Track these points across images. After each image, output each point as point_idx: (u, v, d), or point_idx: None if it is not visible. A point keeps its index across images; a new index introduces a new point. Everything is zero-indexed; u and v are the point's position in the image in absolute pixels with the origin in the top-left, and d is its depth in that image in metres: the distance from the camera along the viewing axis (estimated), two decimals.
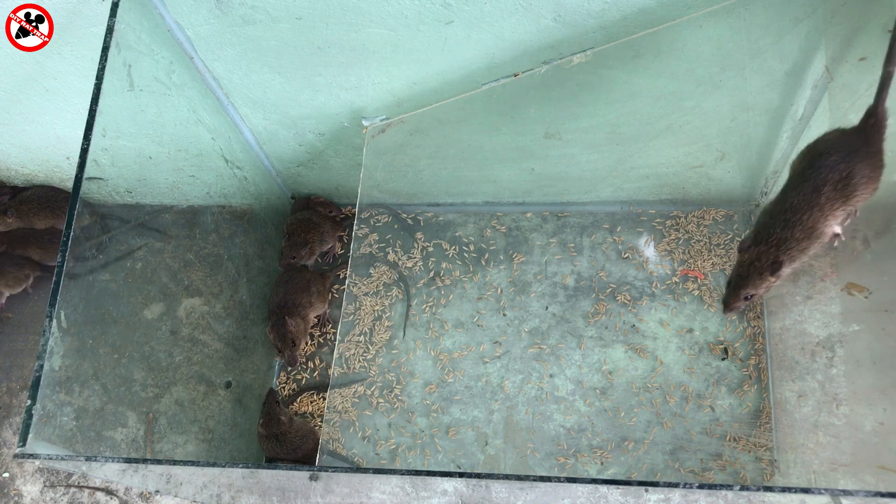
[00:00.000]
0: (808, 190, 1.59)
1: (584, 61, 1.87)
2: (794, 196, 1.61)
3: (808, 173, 1.61)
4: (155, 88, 1.92)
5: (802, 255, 1.65)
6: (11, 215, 2.61)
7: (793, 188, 1.63)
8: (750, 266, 1.66)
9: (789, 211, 1.61)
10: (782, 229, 1.62)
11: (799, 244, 1.63)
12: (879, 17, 1.68)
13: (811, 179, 1.60)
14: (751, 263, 1.66)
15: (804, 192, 1.60)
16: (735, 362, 2.39)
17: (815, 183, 1.59)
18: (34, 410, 1.49)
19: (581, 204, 2.64)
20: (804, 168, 1.62)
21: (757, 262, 1.64)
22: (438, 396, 2.47)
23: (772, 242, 1.63)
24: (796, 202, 1.61)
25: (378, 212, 2.74)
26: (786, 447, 2.23)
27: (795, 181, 1.64)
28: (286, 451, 2.33)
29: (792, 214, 1.61)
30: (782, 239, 1.63)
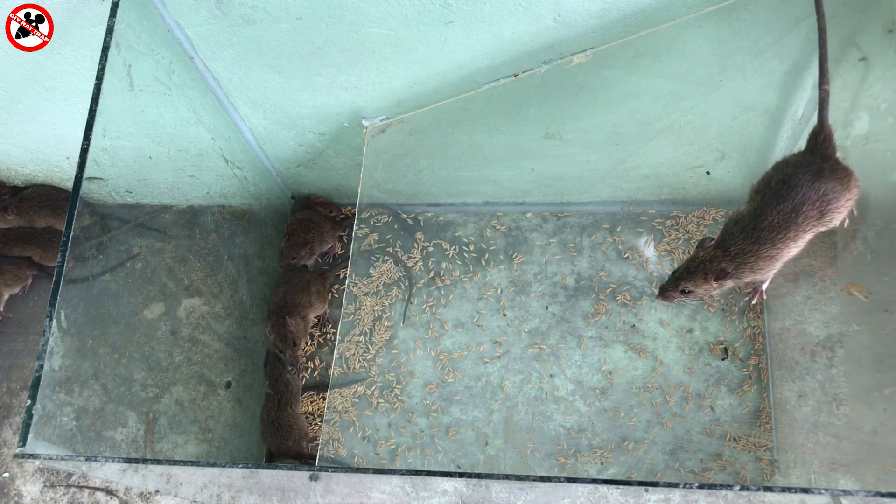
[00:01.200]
0: (789, 209, 1.61)
1: (584, 61, 1.87)
2: (772, 215, 1.63)
3: (784, 193, 1.62)
4: (155, 88, 1.92)
5: (754, 273, 1.68)
6: (12, 212, 2.61)
7: (770, 206, 1.64)
8: (700, 264, 1.68)
9: (766, 229, 1.63)
10: (750, 244, 1.64)
11: (758, 262, 1.65)
12: (879, 17, 1.68)
13: (790, 199, 1.61)
14: (702, 262, 1.68)
15: (783, 211, 1.62)
16: (735, 362, 2.39)
17: (793, 203, 1.61)
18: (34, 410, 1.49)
19: (581, 204, 2.64)
20: (781, 187, 1.63)
21: (708, 263, 1.67)
22: (438, 396, 2.47)
23: (732, 252, 1.65)
24: (775, 221, 1.62)
25: (378, 212, 2.74)
26: (786, 447, 2.23)
27: (772, 199, 1.64)
28: (282, 427, 2.34)
29: (768, 232, 1.63)
30: (744, 252, 1.65)
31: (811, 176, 1.61)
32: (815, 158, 1.65)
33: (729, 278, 1.66)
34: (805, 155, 1.69)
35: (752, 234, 1.63)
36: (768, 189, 1.66)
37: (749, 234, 1.64)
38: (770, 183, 1.66)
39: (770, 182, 1.66)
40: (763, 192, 1.68)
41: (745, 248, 1.64)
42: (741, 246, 1.65)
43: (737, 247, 1.65)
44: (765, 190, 1.68)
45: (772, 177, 1.68)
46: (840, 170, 1.64)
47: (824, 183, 1.60)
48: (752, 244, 1.64)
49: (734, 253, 1.65)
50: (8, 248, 2.67)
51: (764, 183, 1.69)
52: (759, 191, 1.70)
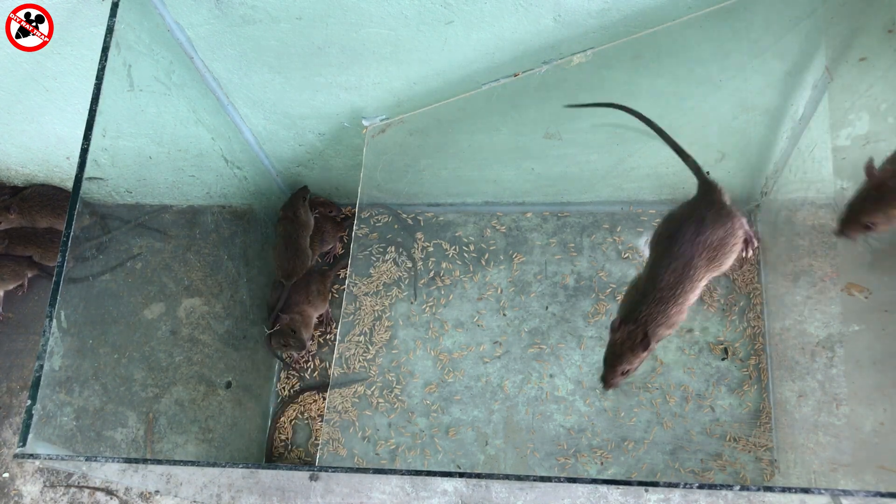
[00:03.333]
0: (680, 267, 1.66)
1: (584, 61, 1.87)
2: (665, 274, 1.67)
3: (675, 250, 1.67)
4: (155, 88, 1.92)
5: (671, 328, 1.72)
6: (13, 211, 2.60)
7: (662, 266, 1.68)
8: (622, 345, 1.71)
9: (664, 289, 1.67)
10: (655, 305, 1.68)
11: (669, 319, 1.70)
12: (879, 17, 1.68)
13: (681, 257, 1.66)
14: (622, 342, 1.71)
15: (676, 269, 1.66)
16: (735, 362, 2.39)
17: (685, 260, 1.66)
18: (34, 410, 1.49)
19: (581, 204, 2.64)
20: (670, 245, 1.69)
21: (628, 340, 1.70)
22: (438, 396, 2.47)
23: (640, 321, 1.69)
24: (671, 280, 1.67)
25: (378, 212, 2.74)
26: (786, 447, 2.23)
27: (663, 259, 1.69)
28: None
29: (667, 292, 1.67)
30: (652, 315, 1.69)
31: (694, 229, 1.67)
32: (700, 206, 1.71)
33: (654, 342, 1.71)
34: (691, 203, 1.75)
35: (654, 296, 1.68)
36: (659, 246, 1.72)
37: (650, 297, 1.68)
38: (661, 240, 1.72)
39: (661, 239, 1.72)
40: (655, 249, 1.74)
41: (651, 310, 1.69)
42: (647, 311, 1.69)
43: (643, 313, 1.69)
44: (656, 247, 1.73)
45: (661, 233, 1.73)
46: (723, 215, 1.70)
47: (707, 235, 1.67)
48: (656, 305, 1.68)
49: (644, 320, 1.69)
50: (10, 248, 2.67)
51: (656, 239, 1.75)
52: (653, 247, 1.75)
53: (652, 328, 1.67)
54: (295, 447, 2.55)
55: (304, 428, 2.56)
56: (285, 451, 2.53)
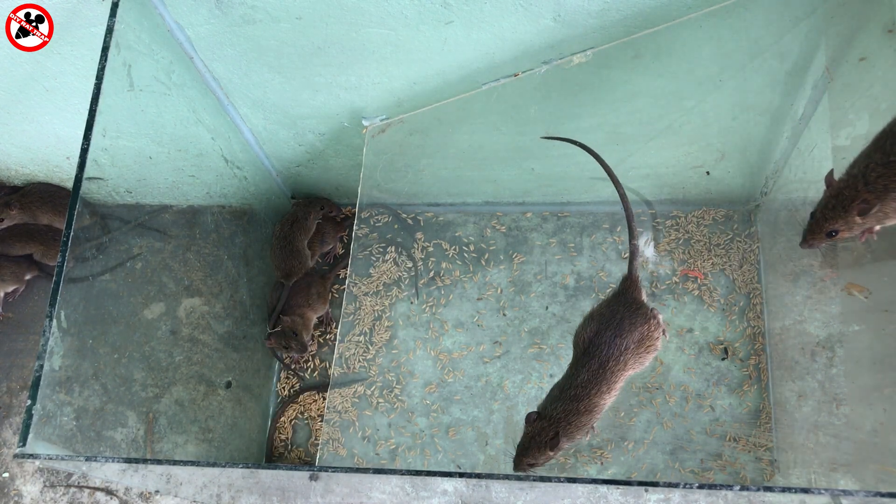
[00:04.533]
0: (595, 366, 1.70)
1: (584, 61, 1.87)
2: (583, 373, 1.71)
3: (591, 350, 1.72)
4: (155, 88, 1.92)
5: (580, 431, 1.75)
6: (15, 207, 2.60)
7: (581, 364, 1.73)
8: (532, 439, 1.73)
9: (579, 386, 1.71)
10: (569, 402, 1.72)
11: (580, 418, 1.72)
12: (879, 17, 1.68)
13: (596, 356, 1.71)
14: (532, 437, 1.73)
15: (591, 368, 1.70)
16: (735, 362, 2.39)
17: (600, 360, 1.70)
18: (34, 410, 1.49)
19: (581, 204, 2.64)
20: (589, 345, 1.73)
21: (538, 436, 1.72)
22: (438, 396, 2.47)
23: (555, 418, 1.72)
24: (586, 378, 1.71)
25: (378, 212, 2.74)
26: (786, 447, 2.23)
27: (581, 358, 1.74)
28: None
29: (581, 389, 1.71)
30: (566, 413, 1.72)
31: (612, 332, 1.71)
32: (619, 307, 1.75)
33: (563, 442, 1.74)
34: (611, 303, 1.79)
35: (569, 393, 1.72)
36: (579, 347, 1.77)
37: (566, 394, 1.72)
38: (581, 340, 1.76)
39: (582, 338, 1.76)
40: (576, 347, 1.79)
41: (566, 407, 1.72)
42: (562, 408, 1.72)
43: (558, 410, 1.72)
44: (577, 346, 1.78)
45: (581, 334, 1.77)
46: (640, 316, 1.74)
47: (625, 337, 1.71)
48: (570, 402, 1.71)
49: (557, 418, 1.72)
50: (10, 244, 2.66)
51: (576, 339, 1.79)
52: (574, 346, 1.80)
53: (563, 427, 1.70)
54: (295, 447, 2.55)
55: (304, 428, 2.56)
56: (285, 451, 2.53)
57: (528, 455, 1.73)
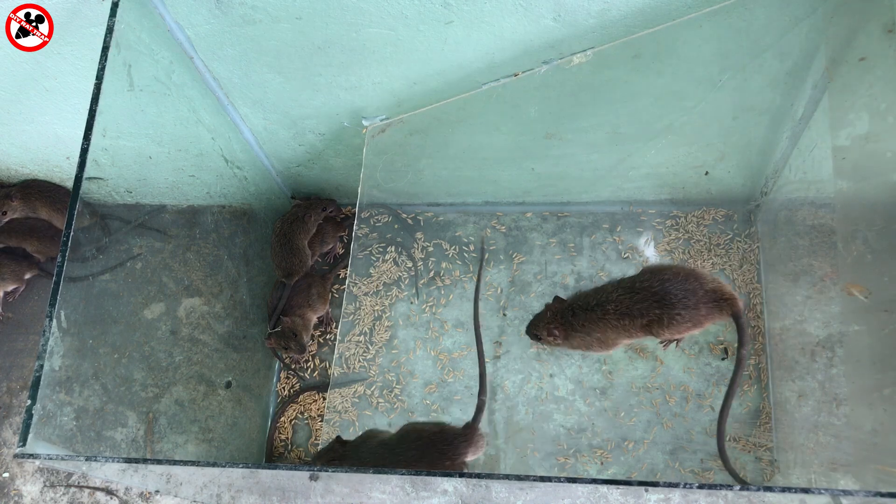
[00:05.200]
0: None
1: (584, 61, 1.87)
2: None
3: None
4: (155, 88, 1.92)
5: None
6: (16, 199, 2.59)
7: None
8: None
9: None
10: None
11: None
12: (879, 17, 1.68)
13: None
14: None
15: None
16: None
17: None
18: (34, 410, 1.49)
19: (581, 204, 2.64)
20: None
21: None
22: (438, 396, 2.47)
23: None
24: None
25: (378, 212, 2.74)
26: (786, 447, 2.22)
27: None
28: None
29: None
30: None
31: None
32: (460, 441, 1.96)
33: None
34: (456, 436, 1.99)
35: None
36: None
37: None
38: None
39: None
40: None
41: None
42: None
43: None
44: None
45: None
46: (475, 444, 1.98)
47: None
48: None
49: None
50: (6, 236, 2.65)
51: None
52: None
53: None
54: (295, 447, 2.55)
55: (304, 428, 2.56)
56: (285, 451, 2.53)
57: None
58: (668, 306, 1.82)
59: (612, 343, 1.95)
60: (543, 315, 2.10)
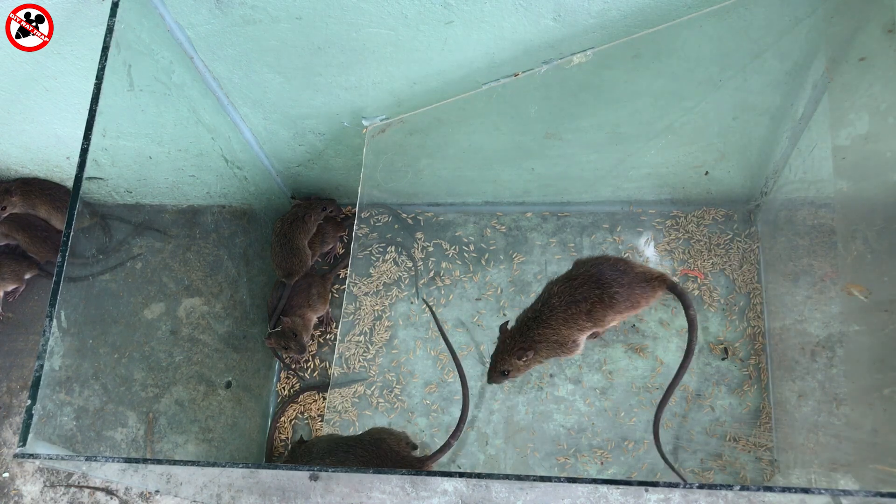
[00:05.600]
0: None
1: (584, 61, 1.87)
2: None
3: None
4: (155, 88, 1.92)
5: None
6: (16, 194, 2.58)
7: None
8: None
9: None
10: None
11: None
12: (879, 17, 1.68)
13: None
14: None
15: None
16: (735, 362, 2.39)
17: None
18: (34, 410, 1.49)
19: (581, 204, 2.64)
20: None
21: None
22: (438, 396, 2.47)
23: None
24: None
25: (378, 212, 2.74)
26: (786, 447, 2.23)
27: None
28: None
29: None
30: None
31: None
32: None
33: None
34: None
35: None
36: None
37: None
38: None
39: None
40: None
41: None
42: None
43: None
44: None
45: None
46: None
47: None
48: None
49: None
50: (2, 227, 2.65)
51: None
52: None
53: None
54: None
55: (304, 428, 2.56)
56: (285, 451, 2.53)
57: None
58: (605, 285, 1.89)
59: (570, 340, 1.94)
60: (502, 347, 2.00)
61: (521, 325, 1.99)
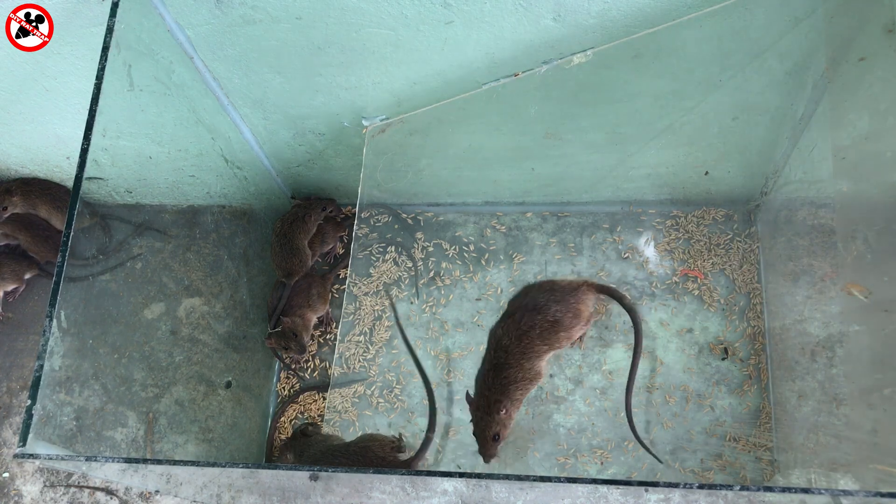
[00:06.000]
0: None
1: (584, 61, 1.87)
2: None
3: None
4: (155, 88, 1.92)
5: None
6: (16, 194, 2.58)
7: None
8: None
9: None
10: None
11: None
12: (879, 17, 1.68)
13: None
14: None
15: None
16: (735, 362, 2.39)
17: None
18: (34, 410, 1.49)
19: (581, 204, 2.64)
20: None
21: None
22: (438, 396, 2.47)
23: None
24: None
25: (378, 212, 2.74)
26: (786, 447, 2.23)
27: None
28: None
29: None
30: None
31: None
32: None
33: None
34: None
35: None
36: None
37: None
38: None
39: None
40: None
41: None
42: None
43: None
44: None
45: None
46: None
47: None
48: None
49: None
50: (1, 226, 2.64)
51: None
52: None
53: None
54: None
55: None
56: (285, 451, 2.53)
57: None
58: (543, 309, 1.94)
59: (534, 370, 1.95)
60: (478, 413, 1.95)
61: (483, 383, 1.97)
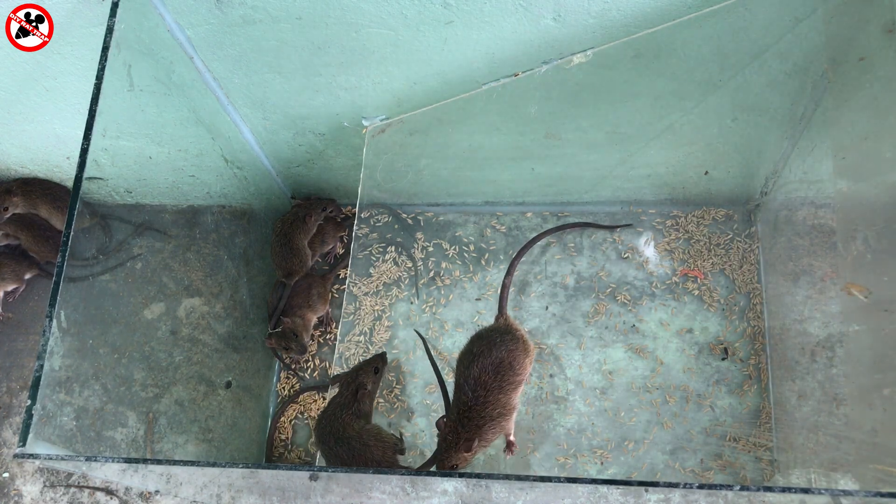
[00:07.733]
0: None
1: (584, 61, 1.87)
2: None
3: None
4: (155, 88, 1.92)
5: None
6: (17, 194, 2.58)
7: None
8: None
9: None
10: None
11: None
12: (879, 17, 1.68)
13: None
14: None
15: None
16: (735, 362, 2.39)
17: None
18: (34, 410, 1.49)
19: (581, 204, 2.64)
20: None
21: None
22: (438, 397, 2.47)
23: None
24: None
25: (378, 212, 2.74)
26: (786, 447, 2.23)
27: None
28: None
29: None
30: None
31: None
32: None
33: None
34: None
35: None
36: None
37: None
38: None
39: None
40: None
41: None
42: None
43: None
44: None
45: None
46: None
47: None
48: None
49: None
50: (2, 227, 2.65)
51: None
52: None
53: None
54: (295, 447, 2.55)
55: (304, 428, 2.56)
56: (285, 451, 2.53)
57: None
58: (496, 344, 1.92)
59: (510, 406, 1.92)
60: (445, 444, 1.87)
61: (459, 417, 1.88)
